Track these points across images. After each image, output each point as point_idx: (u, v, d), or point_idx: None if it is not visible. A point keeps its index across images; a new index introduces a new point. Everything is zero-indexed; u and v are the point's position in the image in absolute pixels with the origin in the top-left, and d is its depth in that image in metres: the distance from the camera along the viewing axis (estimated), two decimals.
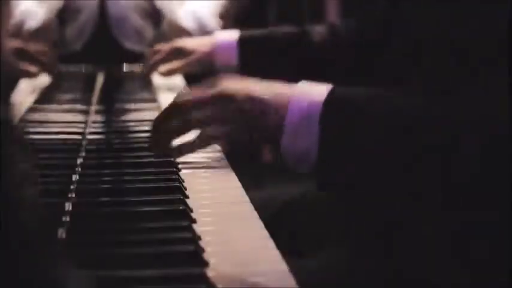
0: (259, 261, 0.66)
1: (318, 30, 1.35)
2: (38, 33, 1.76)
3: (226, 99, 0.90)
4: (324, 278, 0.91)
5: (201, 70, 1.51)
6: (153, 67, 1.59)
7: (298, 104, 0.87)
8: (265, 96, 0.90)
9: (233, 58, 1.43)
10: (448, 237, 0.87)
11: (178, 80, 1.59)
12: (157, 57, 1.58)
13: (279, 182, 1.21)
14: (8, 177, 0.44)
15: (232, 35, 1.45)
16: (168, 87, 1.52)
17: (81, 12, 1.86)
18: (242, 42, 1.43)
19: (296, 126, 0.87)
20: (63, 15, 1.85)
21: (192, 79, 1.49)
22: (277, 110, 0.88)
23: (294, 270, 0.63)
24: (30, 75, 1.54)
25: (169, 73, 1.57)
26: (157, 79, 1.60)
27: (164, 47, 1.59)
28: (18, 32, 1.71)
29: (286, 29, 1.42)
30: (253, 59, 1.42)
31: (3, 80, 0.46)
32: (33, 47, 1.56)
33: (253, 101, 0.89)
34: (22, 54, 1.53)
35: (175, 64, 1.54)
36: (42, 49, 1.58)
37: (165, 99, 1.35)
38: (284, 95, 0.89)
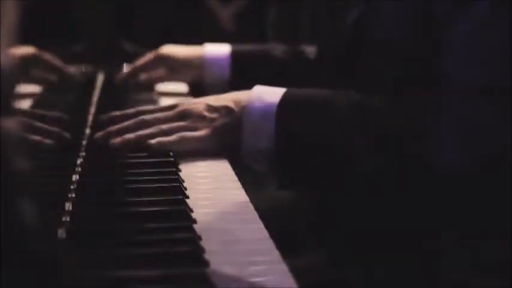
0: (259, 261, 0.66)
1: (311, 50, 1.33)
2: None
3: (187, 111, 0.98)
4: (323, 277, 0.91)
5: (186, 81, 1.46)
6: (132, 73, 1.45)
7: (254, 105, 0.93)
8: (223, 102, 0.96)
9: (225, 72, 1.38)
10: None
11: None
12: (139, 62, 1.44)
13: None
14: (8, 179, 0.44)
15: (222, 49, 1.40)
16: (169, 88, 1.52)
17: None
18: (235, 56, 1.39)
19: (254, 126, 0.93)
20: None
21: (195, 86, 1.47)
22: (235, 113, 0.95)
23: (294, 270, 0.63)
24: (48, 82, 1.46)
25: (150, 82, 1.46)
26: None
27: (148, 54, 1.44)
28: None
29: (279, 46, 1.41)
30: (247, 75, 1.37)
31: (3, 84, 0.46)
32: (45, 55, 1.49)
33: (210, 108, 0.97)
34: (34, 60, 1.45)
35: (158, 73, 1.43)
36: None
37: (166, 100, 1.34)
38: (241, 98, 0.95)
